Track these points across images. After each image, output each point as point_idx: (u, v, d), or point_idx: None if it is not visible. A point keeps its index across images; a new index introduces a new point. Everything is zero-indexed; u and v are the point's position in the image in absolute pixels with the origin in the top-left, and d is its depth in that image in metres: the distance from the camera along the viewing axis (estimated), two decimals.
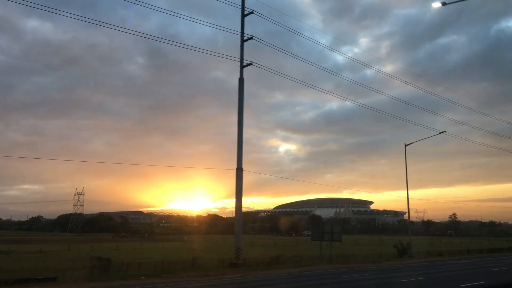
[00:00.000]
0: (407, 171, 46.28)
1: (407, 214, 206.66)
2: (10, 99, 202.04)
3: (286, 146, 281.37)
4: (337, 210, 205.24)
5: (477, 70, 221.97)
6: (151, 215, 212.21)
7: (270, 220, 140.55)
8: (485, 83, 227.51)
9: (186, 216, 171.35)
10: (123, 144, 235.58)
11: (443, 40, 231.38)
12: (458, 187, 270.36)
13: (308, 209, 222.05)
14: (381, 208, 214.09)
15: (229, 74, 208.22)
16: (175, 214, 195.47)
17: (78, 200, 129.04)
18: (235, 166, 28.27)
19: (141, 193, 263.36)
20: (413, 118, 71.31)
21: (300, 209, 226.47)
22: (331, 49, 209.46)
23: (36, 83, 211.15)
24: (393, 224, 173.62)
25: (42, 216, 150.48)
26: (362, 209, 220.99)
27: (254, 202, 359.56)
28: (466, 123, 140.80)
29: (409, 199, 46.13)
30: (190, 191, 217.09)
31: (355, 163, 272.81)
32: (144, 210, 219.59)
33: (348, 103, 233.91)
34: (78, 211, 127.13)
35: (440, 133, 42.81)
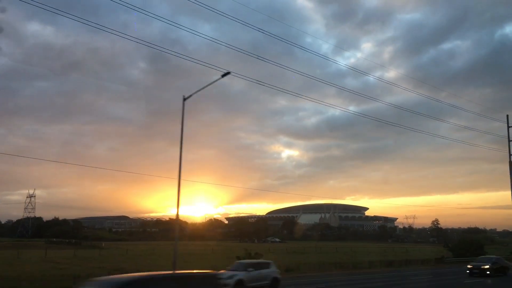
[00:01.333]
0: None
1: (397, 221, 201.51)
2: (12, 104, 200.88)
3: (289, 152, 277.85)
4: (322, 216, 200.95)
5: (481, 76, 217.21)
6: (136, 220, 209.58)
7: (235, 226, 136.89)
8: (489, 88, 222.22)
9: (171, 220, 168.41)
10: (126, 149, 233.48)
11: (446, 45, 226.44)
12: (462, 193, 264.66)
13: (296, 215, 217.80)
14: (377, 215, 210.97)
15: (232, 79, 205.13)
16: (164, 219, 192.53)
17: (29, 203, 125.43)
18: (239, 171, 24.15)
19: (144, 199, 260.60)
20: (417, 124, 68.92)
21: (288, 215, 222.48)
22: (329, 59, 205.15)
23: (38, 88, 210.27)
24: (374, 230, 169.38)
25: None
26: (350, 215, 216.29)
27: (256, 208, 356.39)
28: (470, 128, 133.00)
29: (411, 205, 46.92)
30: (192, 197, 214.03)
31: (358, 168, 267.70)
32: (132, 215, 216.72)
33: (351, 108, 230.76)
34: (29, 215, 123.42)
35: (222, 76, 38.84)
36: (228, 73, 24.31)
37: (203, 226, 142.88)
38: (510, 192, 33.50)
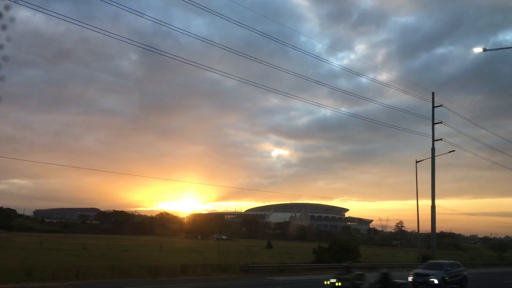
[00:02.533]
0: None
1: (372, 223, 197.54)
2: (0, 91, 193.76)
3: (278, 151, 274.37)
4: (292, 215, 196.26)
5: (472, 82, 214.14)
6: (106, 212, 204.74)
7: (189, 223, 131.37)
8: (479, 95, 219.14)
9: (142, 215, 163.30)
10: (115, 142, 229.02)
11: (440, 50, 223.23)
12: (448, 199, 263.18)
13: (268, 213, 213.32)
14: (356, 216, 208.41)
15: (223, 75, 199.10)
16: (136, 213, 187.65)
17: None
18: (227, 168, 19.37)
19: (131, 193, 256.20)
20: (407, 127, 64.15)
21: (261, 213, 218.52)
22: (322, 59, 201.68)
23: (26, 76, 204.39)
24: (339, 231, 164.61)
25: None
26: (330, 216, 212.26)
27: (243, 205, 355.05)
28: (460, 135, 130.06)
29: (398, 209, 41.33)
30: (180, 193, 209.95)
31: (347, 170, 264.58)
32: (104, 208, 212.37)
33: (343, 109, 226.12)
34: None
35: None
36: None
37: (159, 221, 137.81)
38: (497, 199, 29.06)
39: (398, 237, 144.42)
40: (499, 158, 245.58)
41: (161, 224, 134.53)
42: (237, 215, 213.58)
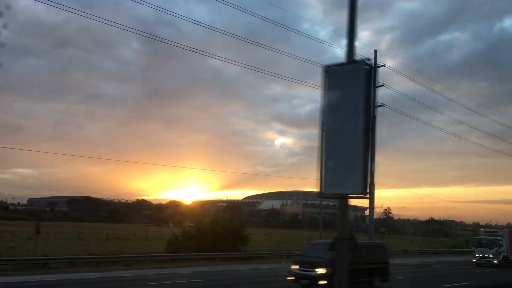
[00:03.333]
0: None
1: (367, 211, 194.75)
2: (1, 80, 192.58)
3: (282, 140, 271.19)
4: (284, 202, 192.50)
5: (477, 69, 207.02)
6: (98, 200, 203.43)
7: (159, 211, 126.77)
8: (485, 82, 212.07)
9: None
10: (118, 131, 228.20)
11: (445, 37, 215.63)
12: (452, 187, 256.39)
13: (260, 200, 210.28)
14: (356, 205, 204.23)
15: (226, 63, 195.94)
16: (116, 200, 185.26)
17: None
18: (230, 157, 15.29)
19: (135, 182, 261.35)
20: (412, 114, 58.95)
21: (257, 200, 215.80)
22: (325, 43, 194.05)
23: (29, 65, 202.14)
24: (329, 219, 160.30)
25: None
26: (324, 203, 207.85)
27: (247, 194, 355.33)
28: (464, 123, 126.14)
29: (401, 197, 33.38)
30: (184, 182, 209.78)
31: None
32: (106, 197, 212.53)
33: None
34: None
35: None
36: None
37: (136, 208, 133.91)
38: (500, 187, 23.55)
39: (385, 224, 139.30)
40: (504, 146, 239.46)
41: (138, 211, 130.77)
42: (230, 203, 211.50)
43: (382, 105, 39.22)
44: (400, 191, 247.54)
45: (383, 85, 35.00)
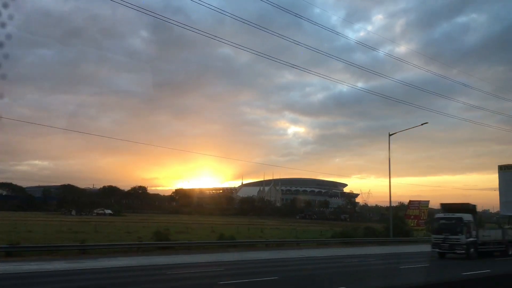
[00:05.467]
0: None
1: (359, 197, 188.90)
2: (14, 72, 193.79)
3: (294, 129, 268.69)
4: (261, 189, 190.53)
5: (495, 53, 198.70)
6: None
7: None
8: (502, 66, 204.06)
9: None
10: (130, 122, 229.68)
11: (461, 19, 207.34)
12: (469, 175, 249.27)
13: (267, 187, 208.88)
14: (353, 191, 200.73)
15: (237, 52, 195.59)
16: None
17: None
18: (243, 147, 14.25)
19: (148, 172, 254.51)
20: (426, 102, 56.85)
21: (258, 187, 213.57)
22: (337, 33, 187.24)
23: (39, 56, 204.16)
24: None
25: None
26: (302, 189, 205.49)
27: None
28: (481, 108, 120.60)
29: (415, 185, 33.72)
30: (197, 171, 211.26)
31: (364, 147, 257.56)
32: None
33: (360, 84, 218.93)
34: None
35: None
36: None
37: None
38: None
39: (347, 211, 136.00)
40: None
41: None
42: (222, 190, 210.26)
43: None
44: (416, 179, 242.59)
45: None
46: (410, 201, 59.37)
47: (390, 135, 42.71)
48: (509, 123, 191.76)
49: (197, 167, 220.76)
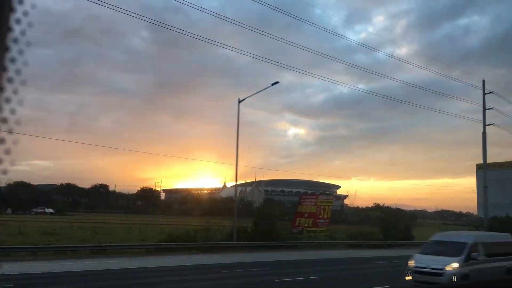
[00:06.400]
0: None
1: (347, 199, 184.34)
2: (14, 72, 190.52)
3: (294, 130, 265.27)
4: (242, 189, 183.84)
5: (496, 55, 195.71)
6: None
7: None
8: (503, 69, 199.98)
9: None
10: (131, 122, 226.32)
11: (463, 21, 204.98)
12: (469, 178, 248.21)
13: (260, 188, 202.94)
14: (342, 193, 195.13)
15: (237, 52, 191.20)
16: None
17: None
18: (243, 148, 15.08)
19: (148, 172, 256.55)
20: (427, 104, 49.54)
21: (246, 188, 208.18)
22: (338, 35, 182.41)
23: (39, 55, 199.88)
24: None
25: None
26: (284, 190, 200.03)
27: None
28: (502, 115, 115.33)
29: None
30: (195, 173, 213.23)
31: (364, 149, 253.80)
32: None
33: (360, 86, 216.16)
34: None
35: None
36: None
37: None
38: None
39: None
40: None
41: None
42: (207, 190, 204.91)
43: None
44: (415, 182, 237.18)
45: None
46: (301, 195, 52.50)
47: (239, 101, 42.42)
48: (509, 126, 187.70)
49: (196, 169, 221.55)
